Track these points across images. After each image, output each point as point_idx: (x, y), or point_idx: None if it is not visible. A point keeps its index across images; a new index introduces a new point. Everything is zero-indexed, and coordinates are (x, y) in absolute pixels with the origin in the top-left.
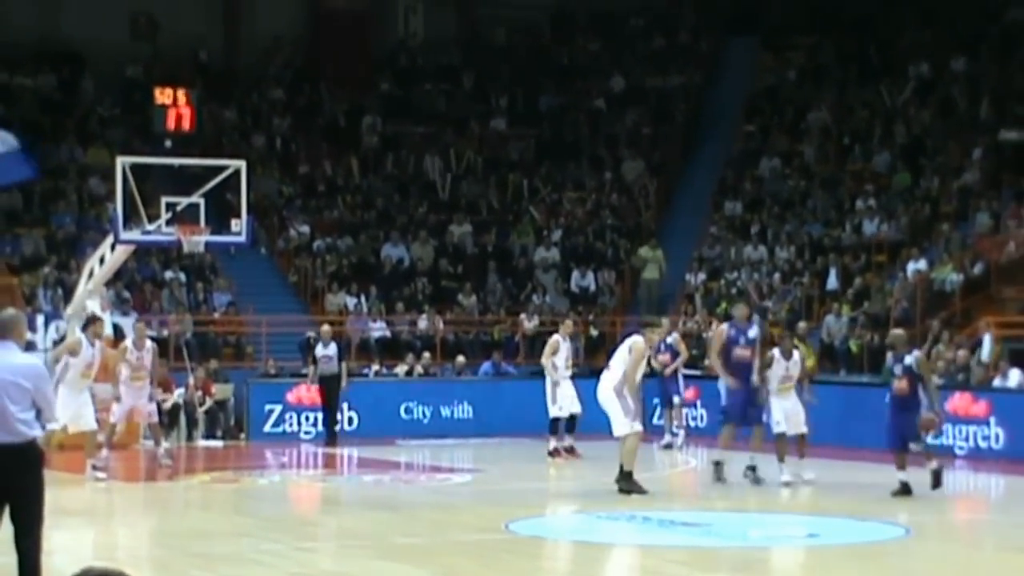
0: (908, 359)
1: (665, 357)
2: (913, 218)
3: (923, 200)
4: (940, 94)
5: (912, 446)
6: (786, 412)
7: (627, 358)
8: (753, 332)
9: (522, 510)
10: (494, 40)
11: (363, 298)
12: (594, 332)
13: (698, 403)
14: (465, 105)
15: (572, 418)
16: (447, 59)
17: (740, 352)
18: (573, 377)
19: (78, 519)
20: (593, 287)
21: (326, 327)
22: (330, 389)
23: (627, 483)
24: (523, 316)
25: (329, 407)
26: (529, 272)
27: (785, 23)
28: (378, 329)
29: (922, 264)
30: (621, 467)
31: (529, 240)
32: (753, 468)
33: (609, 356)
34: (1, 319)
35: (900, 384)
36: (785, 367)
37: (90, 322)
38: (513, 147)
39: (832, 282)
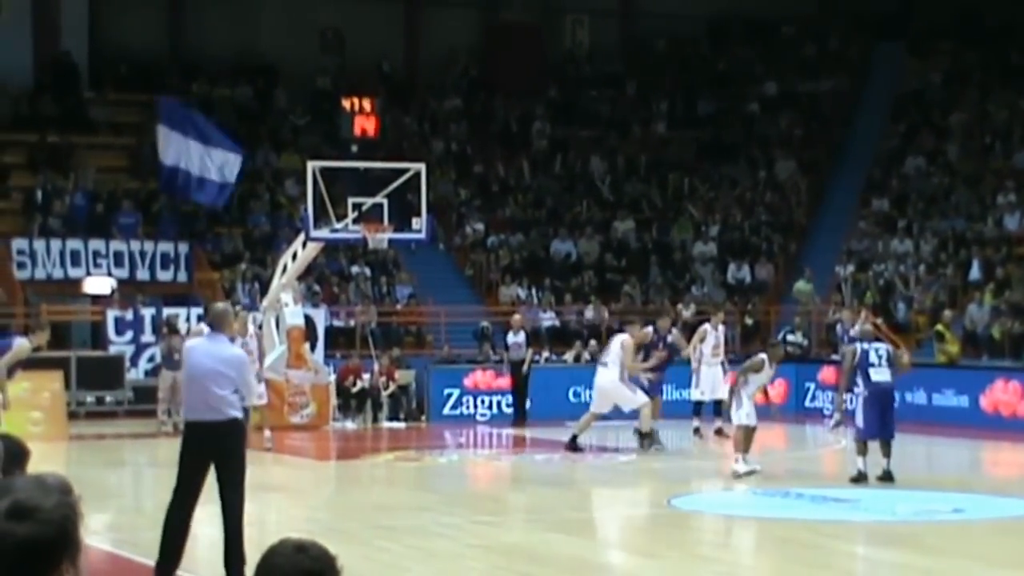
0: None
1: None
2: None
3: None
4: None
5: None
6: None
7: (620, 353)
8: (670, 338)
9: (683, 486)
10: (655, 49)
11: (534, 290)
12: (749, 321)
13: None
14: (628, 110)
15: (718, 403)
16: (611, 67)
17: (658, 353)
18: (722, 364)
19: (274, 494)
20: (748, 279)
21: (516, 316)
22: (517, 373)
23: (649, 440)
24: (680, 306)
25: (516, 390)
26: (688, 265)
27: (930, 30)
28: (548, 319)
29: None
30: (640, 431)
31: (688, 235)
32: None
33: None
34: (214, 313)
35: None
36: (768, 376)
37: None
38: (673, 149)
39: (975, 273)
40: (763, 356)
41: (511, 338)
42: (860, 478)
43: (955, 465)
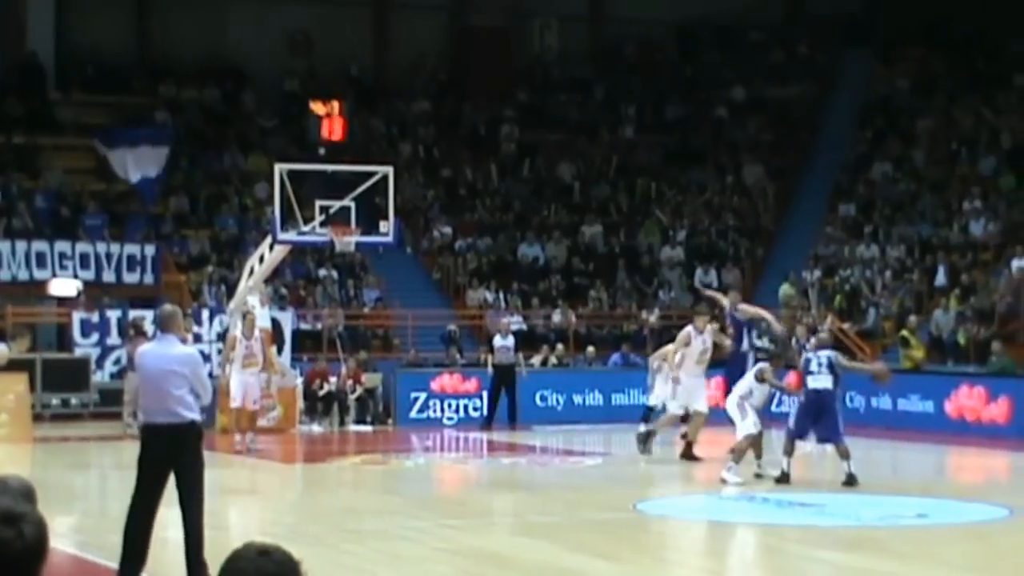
0: None
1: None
2: (1017, 218)
3: None
4: None
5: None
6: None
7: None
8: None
9: (649, 491)
10: (623, 54)
11: (501, 294)
12: (715, 326)
13: None
14: (596, 114)
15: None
16: (579, 72)
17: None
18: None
19: (239, 497)
20: (715, 283)
21: (505, 320)
22: (505, 377)
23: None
24: (644, 312)
25: (506, 394)
26: (655, 269)
27: (898, 36)
28: (515, 322)
29: None
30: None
31: (656, 239)
32: None
33: None
34: (161, 314)
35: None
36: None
37: (244, 319)
38: (641, 153)
39: (940, 279)
40: (764, 365)
41: (499, 341)
42: (783, 478)
43: (919, 470)
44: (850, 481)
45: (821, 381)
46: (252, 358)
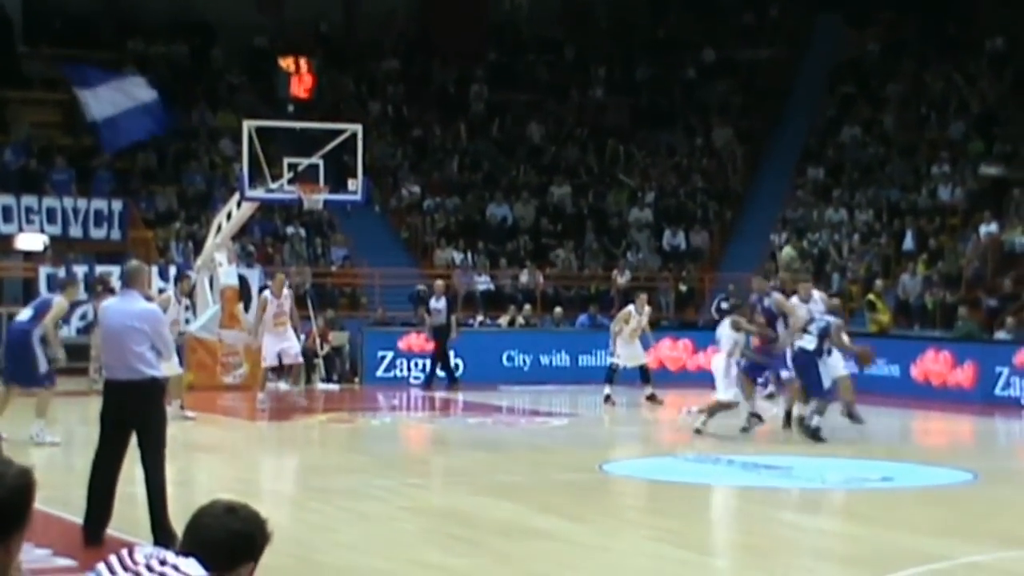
0: None
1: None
2: (985, 183)
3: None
4: (1014, 67)
5: None
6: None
7: None
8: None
9: (615, 451)
10: (594, 14)
11: (469, 253)
12: (683, 288)
13: None
14: (566, 75)
15: (643, 369)
16: (550, 32)
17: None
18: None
19: (206, 455)
20: (684, 246)
21: (439, 282)
22: (440, 338)
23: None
24: (615, 272)
25: (439, 355)
26: (624, 231)
27: (869, 0)
28: (483, 282)
29: (993, 227)
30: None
31: (624, 201)
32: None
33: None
34: (127, 270)
35: None
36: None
37: (274, 278)
38: (610, 114)
39: (908, 243)
40: (737, 316)
41: (433, 303)
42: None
43: (885, 434)
44: (813, 435)
45: (807, 342)
46: (282, 316)
